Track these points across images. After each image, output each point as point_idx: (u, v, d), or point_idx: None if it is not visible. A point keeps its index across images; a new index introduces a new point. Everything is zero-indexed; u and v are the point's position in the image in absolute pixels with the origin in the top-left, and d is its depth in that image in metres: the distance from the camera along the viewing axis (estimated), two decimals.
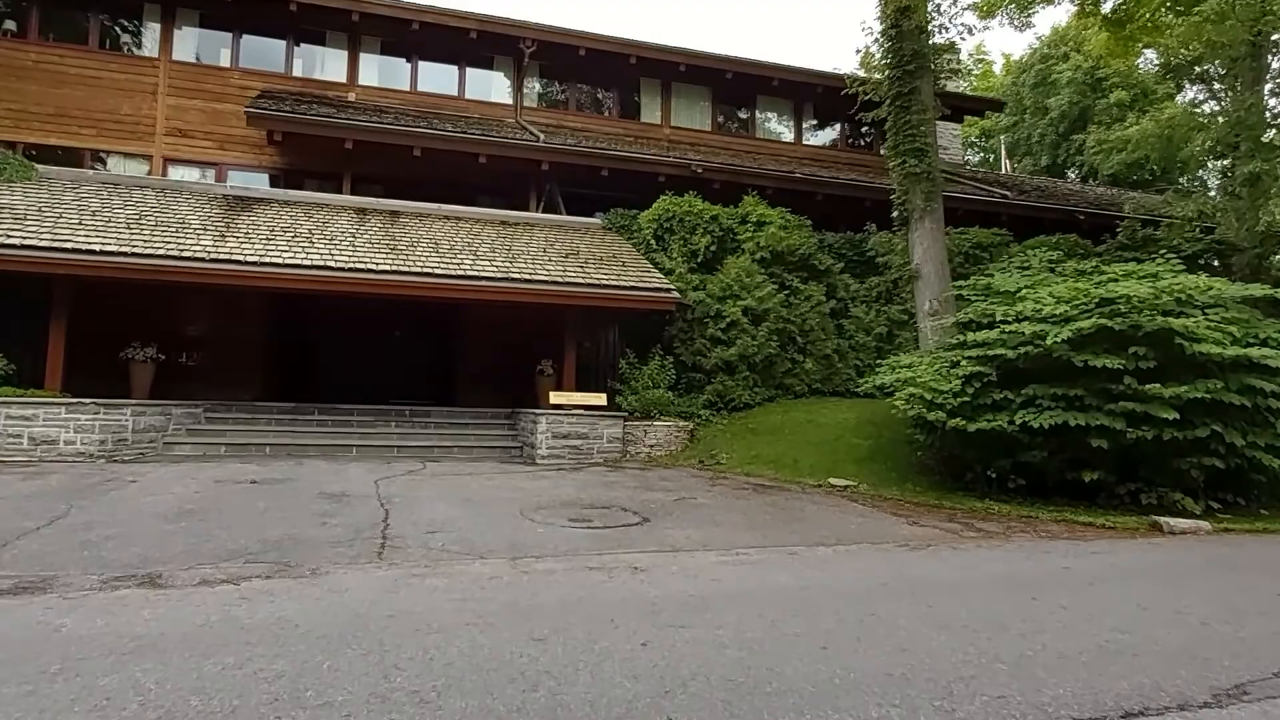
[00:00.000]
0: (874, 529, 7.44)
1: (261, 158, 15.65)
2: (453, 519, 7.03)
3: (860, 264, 15.38)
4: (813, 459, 10.66)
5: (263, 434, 11.43)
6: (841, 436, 11.29)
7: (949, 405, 8.71)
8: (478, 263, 11.88)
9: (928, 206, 12.43)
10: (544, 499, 8.27)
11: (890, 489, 9.55)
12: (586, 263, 12.72)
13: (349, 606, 4.41)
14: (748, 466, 10.72)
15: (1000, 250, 15.36)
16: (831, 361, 13.91)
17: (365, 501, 7.62)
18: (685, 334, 13.26)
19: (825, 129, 20.80)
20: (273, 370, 13.57)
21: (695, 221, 13.85)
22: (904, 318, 14.37)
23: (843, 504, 8.67)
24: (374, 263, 11.13)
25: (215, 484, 8.24)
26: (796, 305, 13.74)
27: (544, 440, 11.42)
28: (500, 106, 17.53)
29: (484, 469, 10.31)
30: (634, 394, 12.30)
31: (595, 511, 7.75)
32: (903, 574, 5.70)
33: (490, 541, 6.28)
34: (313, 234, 11.81)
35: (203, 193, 12.93)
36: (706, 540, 6.64)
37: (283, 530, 6.31)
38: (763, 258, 13.74)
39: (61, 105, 14.67)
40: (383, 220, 13.10)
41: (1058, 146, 39.71)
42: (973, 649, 3.99)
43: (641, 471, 10.50)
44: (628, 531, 6.89)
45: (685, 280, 13.20)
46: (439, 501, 7.83)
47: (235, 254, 10.52)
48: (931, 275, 12.30)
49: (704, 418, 12.68)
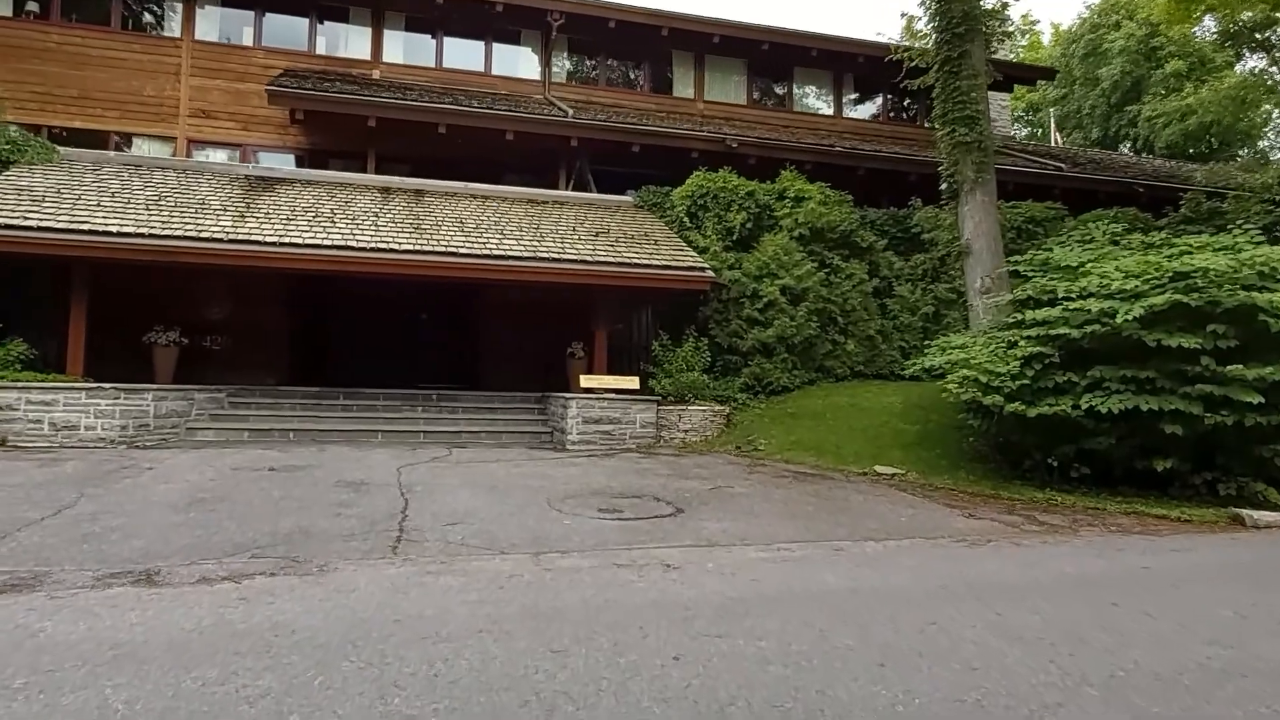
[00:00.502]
0: (926, 521, 6.90)
1: (286, 138, 15.39)
2: (475, 509, 6.64)
3: (904, 241, 14.68)
4: (856, 445, 10.10)
5: (286, 419, 11.16)
6: (887, 421, 10.71)
7: (1007, 388, 8.09)
8: (504, 242, 11.46)
9: (979, 178, 11.72)
10: (572, 487, 7.85)
11: (941, 477, 8.97)
12: (617, 241, 12.23)
13: (353, 609, 4.02)
14: (787, 453, 10.20)
15: (1055, 225, 14.55)
16: (875, 343, 13.28)
17: (385, 490, 7.27)
18: (721, 315, 12.73)
19: (866, 102, 20.00)
20: (298, 354, 13.33)
21: (730, 198, 13.27)
22: (952, 296, 13.68)
23: (890, 494, 8.12)
24: (397, 242, 10.76)
25: (232, 471, 7.95)
26: (837, 284, 13.12)
27: (574, 425, 11.00)
28: (528, 83, 17.05)
29: (511, 455, 9.93)
30: (667, 377, 11.81)
31: (626, 501, 7.31)
32: (962, 574, 5.17)
33: (513, 534, 5.87)
34: (335, 214, 11.48)
35: (224, 173, 12.67)
36: (745, 534, 6.17)
37: (295, 522, 5.96)
38: (801, 235, 13.13)
39: (85, 88, 14.52)
40: (407, 199, 12.73)
41: (1109, 119, 38.18)
42: (1054, 667, 3.47)
43: (675, 458, 10.04)
44: (660, 524, 6.44)
45: (720, 259, 12.66)
46: (462, 490, 7.45)
47: (254, 234, 10.22)
48: (983, 251, 11.61)
49: (741, 402, 12.17)
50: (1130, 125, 36.28)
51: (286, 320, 13.13)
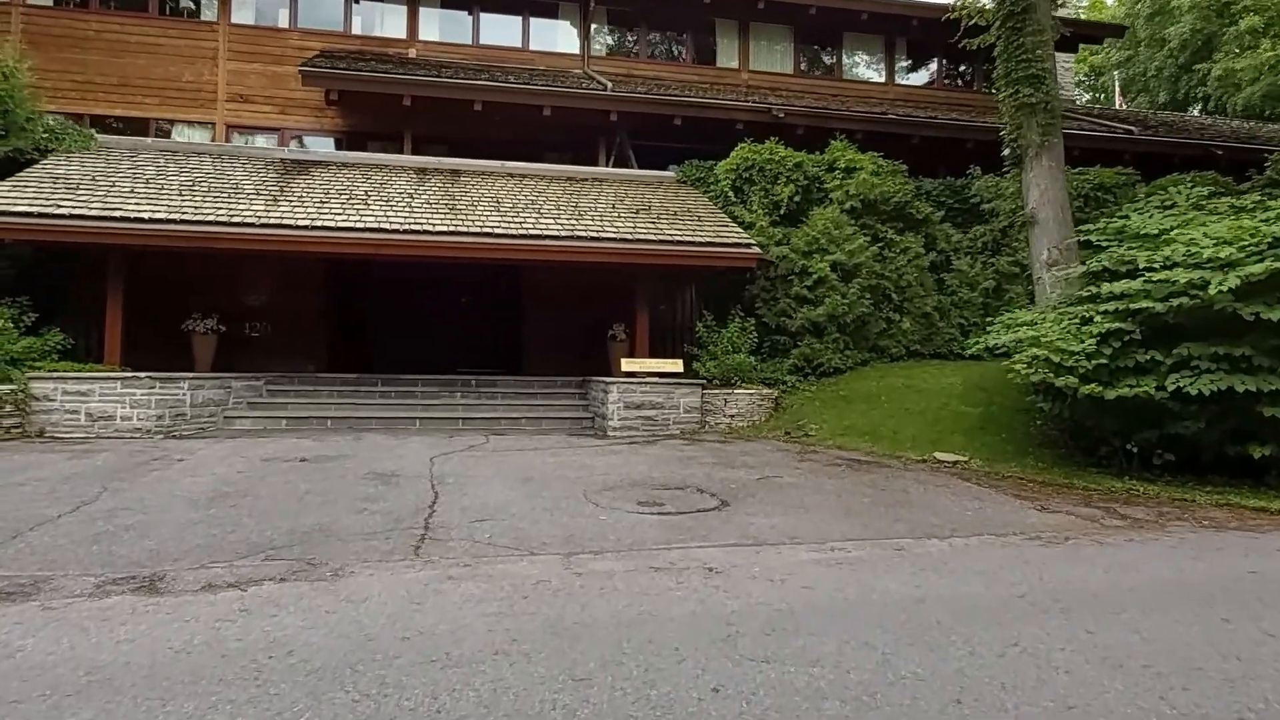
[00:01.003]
0: (994, 516, 6.32)
1: (323, 120, 15.18)
2: (507, 503, 6.26)
3: (962, 212, 13.87)
4: (914, 430, 9.49)
5: (324, 407, 10.97)
6: (947, 404, 10.06)
7: (1081, 368, 7.41)
8: (541, 221, 11.04)
9: (1045, 141, 10.90)
10: (612, 478, 7.44)
11: (1007, 465, 8.33)
12: (659, 218, 11.73)
13: (361, 624, 3.66)
14: (840, 439, 9.64)
15: (1126, 191, 13.60)
16: (932, 320, 12.57)
17: (415, 483, 6.94)
18: (768, 293, 12.15)
19: (919, 69, 19.05)
20: (337, 340, 13.15)
21: (777, 170, 12.63)
22: (1015, 270, 12.87)
23: (952, 483, 7.53)
24: (430, 224, 10.42)
25: (262, 463, 7.72)
26: (891, 259, 12.42)
27: (615, 411, 10.58)
28: (567, 57, 16.55)
29: (550, 443, 9.56)
30: (712, 359, 11.30)
31: (667, 493, 6.87)
32: (1042, 579, 4.61)
33: (545, 532, 5.47)
34: (369, 196, 11.18)
35: (259, 157, 12.48)
36: (795, 530, 5.67)
37: (317, 518, 5.66)
38: (853, 207, 12.45)
39: (124, 75, 14.47)
40: (443, 180, 12.39)
41: (1177, 80, 36.17)
42: (1167, 708, 2.92)
43: (721, 445, 9.56)
44: (703, 518, 5.98)
45: (767, 234, 12.06)
46: (495, 481, 7.09)
47: (286, 218, 9.98)
48: (1050, 220, 10.82)
49: (790, 384, 11.60)
50: (1200, 85, 34.27)
51: (326, 306, 12.94)
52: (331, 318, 13.00)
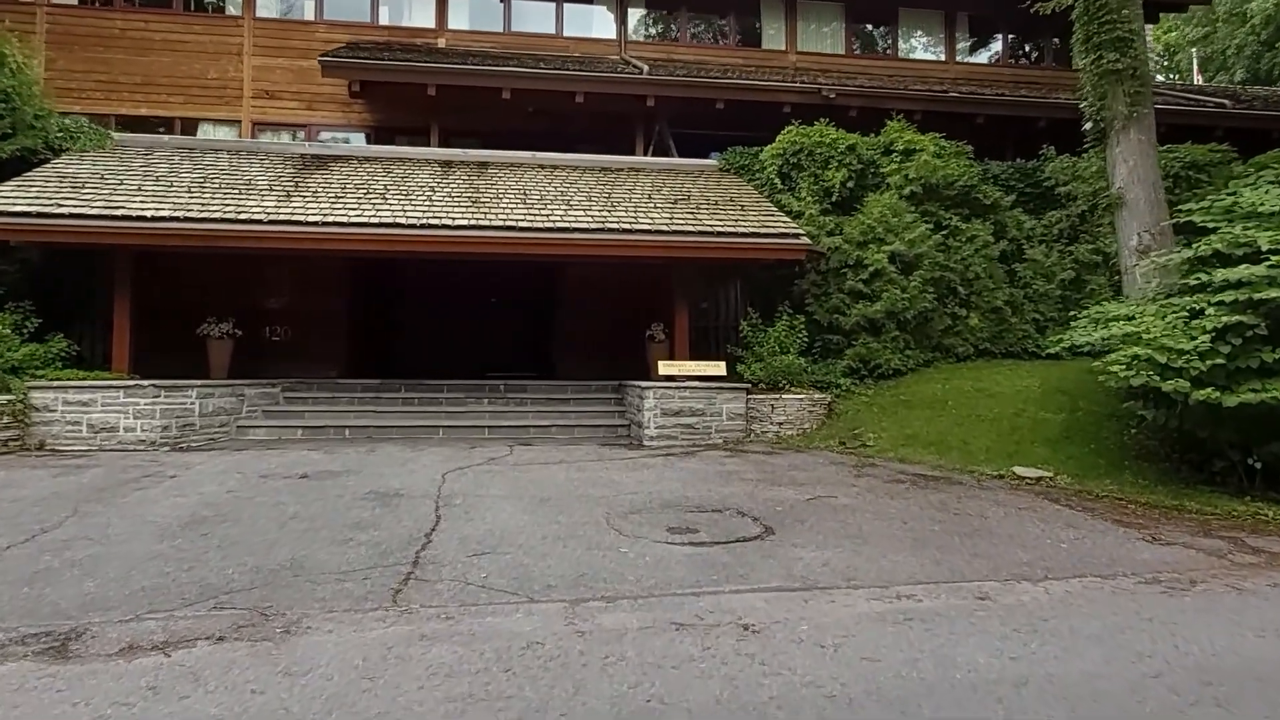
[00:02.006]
0: (1096, 549, 5.25)
1: (350, 115, 14.64)
2: (516, 531, 5.43)
3: (1035, 197, 12.61)
4: (987, 440, 8.40)
5: (343, 415, 10.32)
6: (1023, 410, 8.92)
7: (1193, 369, 6.27)
8: (570, 213, 10.22)
9: (1133, 113, 9.66)
10: (641, 498, 6.55)
11: (1100, 482, 7.20)
12: (699, 208, 10.80)
13: (289, 711, 2.84)
14: (902, 450, 8.59)
15: (1220, 170, 12.20)
16: (1003, 316, 11.38)
17: (418, 504, 6.16)
18: (819, 288, 11.13)
19: (982, 47, 17.73)
20: (361, 344, 12.53)
21: (828, 154, 11.60)
22: (1096, 259, 11.61)
23: (1037, 504, 6.46)
24: (450, 218, 9.68)
25: (259, 480, 7.03)
26: (956, 248, 11.28)
27: (651, 419, 9.70)
28: (603, 43, 15.71)
29: (579, 455, 8.72)
30: (758, 361, 10.33)
31: (703, 517, 5.96)
32: (1178, 648, 3.57)
33: (553, 569, 4.62)
34: (387, 190, 10.50)
35: (279, 153, 11.92)
36: (851, 568, 4.71)
37: (293, 551, 4.89)
38: (912, 193, 11.35)
39: (149, 73, 14.11)
40: (468, 173, 11.66)
41: (1259, 59, 33.84)
42: None
43: (767, 457, 8.60)
44: (742, 551, 5.06)
45: (817, 224, 11.05)
46: (508, 503, 6.27)
47: (297, 215, 9.34)
48: (1140, 201, 9.58)
49: (844, 388, 10.56)
50: None
51: (350, 309, 12.31)
52: (355, 321, 12.38)
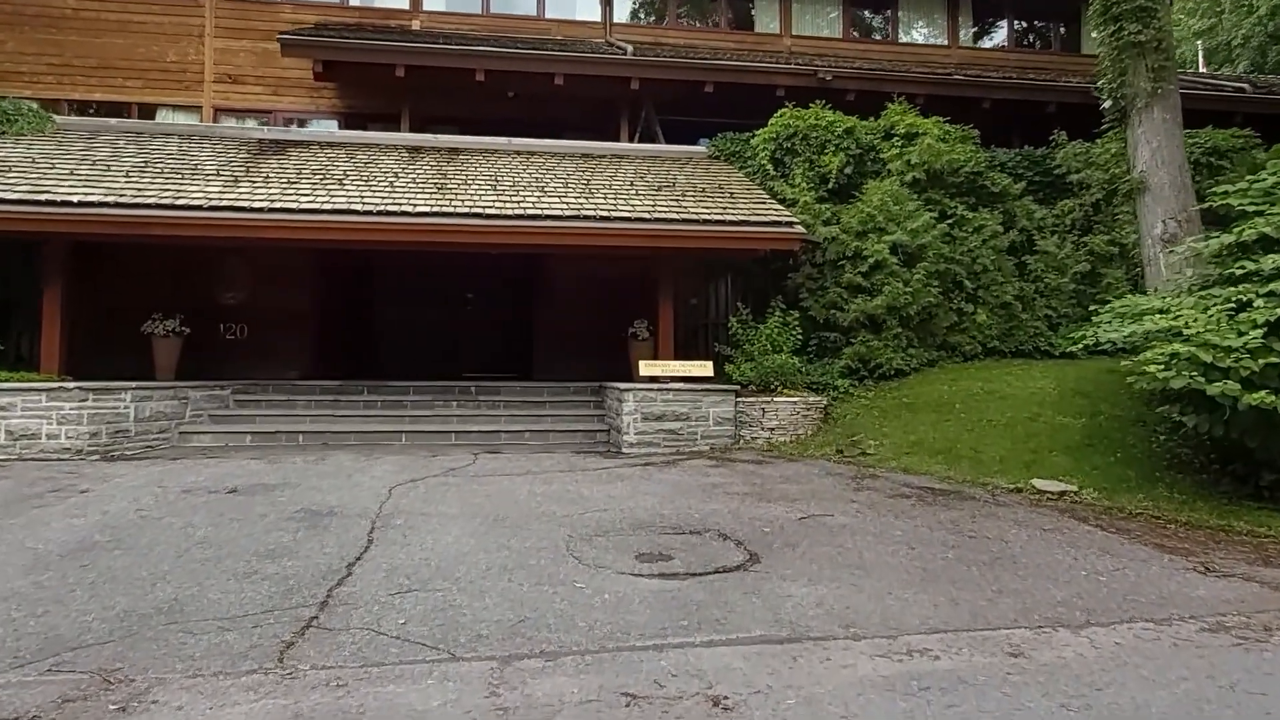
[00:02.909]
0: (1140, 582, 4.44)
1: (319, 101, 13.79)
2: (456, 560, 4.61)
3: (1044, 186, 11.79)
4: (1001, 448, 7.58)
5: (298, 420, 9.49)
6: (1038, 414, 8.11)
7: (1244, 370, 5.46)
8: (544, 200, 9.40)
9: (1157, 89, 8.89)
10: (610, 516, 5.74)
11: (1132, 496, 6.39)
12: (684, 195, 9.99)
13: None
14: (905, 458, 7.77)
15: (1243, 157, 11.43)
16: (1012, 312, 10.57)
17: (351, 525, 5.34)
18: (814, 282, 10.31)
19: (987, 31, 16.92)
20: (327, 344, 11.67)
21: (824, 137, 10.78)
22: (1113, 250, 10.80)
23: (1064, 525, 5.65)
24: (412, 205, 8.85)
25: (180, 496, 6.20)
26: (962, 239, 10.46)
27: (631, 424, 8.88)
28: (588, 26, 14.87)
29: (549, 464, 7.89)
30: (748, 361, 9.52)
31: (679, 541, 5.15)
32: None
33: (489, 611, 3.81)
34: (347, 176, 9.67)
35: (235, 137, 11.08)
36: (851, 611, 3.90)
37: (179, 589, 4.07)
38: (915, 179, 10.53)
39: (104, 56, 13.26)
40: (438, 159, 10.83)
41: (1265, 51, 33.11)
42: None
43: (757, 466, 7.78)
44: (721, 586, 4.25)
45: (812, 212, 10.23)
46: (457, 523, 5.45)
47: (241, 201, 8.50)
48: (1165, 186, 8.80)
49: (842, 390, 9.75)
50: None
51: (315, 306, 11.46)
52: (321, 318, 11.53)
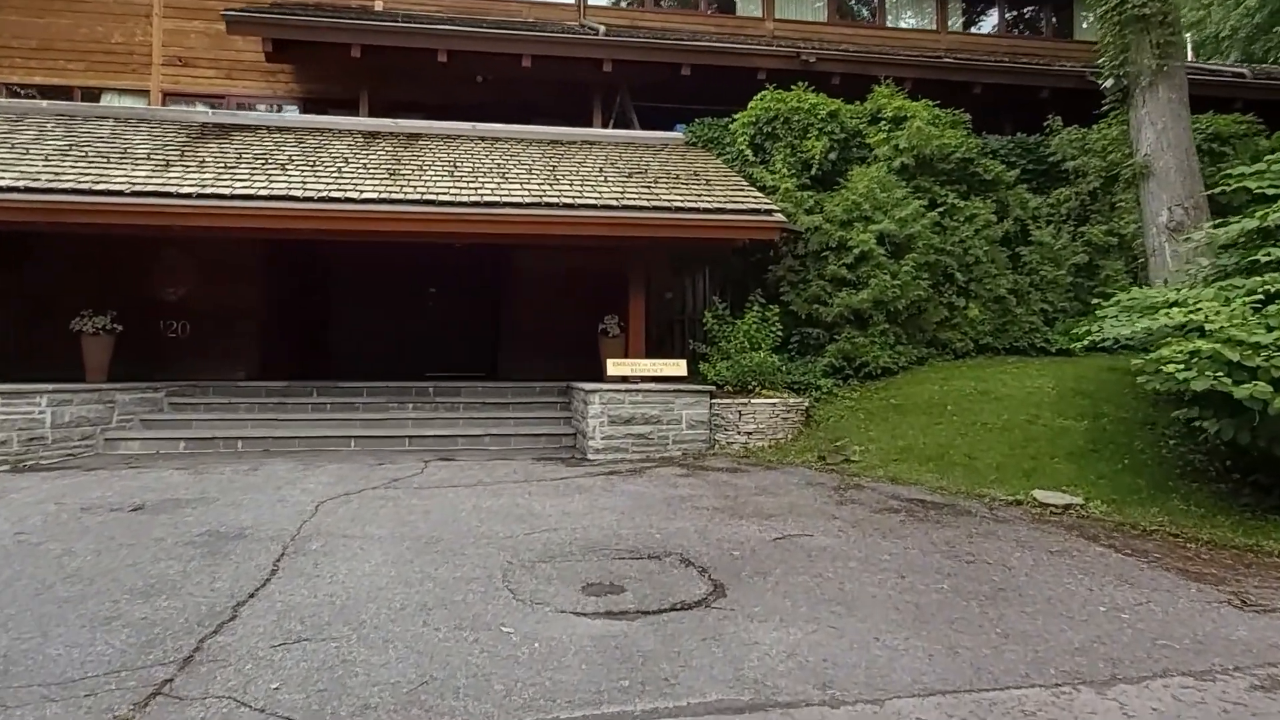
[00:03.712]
0: (1168, 620, 3.79)
1: (276, 85, 13.05)
2: (367, 596, 3.92)
3: (1038, 174, 11.18)
4: (997, 454, 6.94)
5: (239, 424, 8.77)
6: (1037, 416, 7.47)
7: (1274, 370, 4.83)
8: (504, 187, 8.70)
9: (1162, 67, 8.28)
10: (561, 537, 5.06)
11: (1144, 509, 5.75)
12: (656, 182, 9.31)
13: None
14: (893, 466, 7.11)
15: (1246, 144, 10.86)
16: (1006, 306, 9.94)
17: (258, 551, 4.64)
18: (796, 274, 9.66)
19: (978, 17, 16.29)
20: (278, 342, 10.94)
21: (807, 121, 10.12)
22: (1111, 241, 10.19)
23: (1072, 544, 5.00)
24: (358, 191, 8.13)
25: (76, 515, 5.47)
26: (954, 229, 9.83)
27: (597, 428, 8.19)
28: (560, 8, 14.13)
29: (503, 474, 7.19)
30: (724, 359, 8.85)
31: (635, 568, 4.47)
32: None
33: (387, 671, 3.12)
34: (292, 161, 8.95)
35: (177, 121, 10.32)
36: (828, 665, 3.23)
37: (15, 640, 3.38)
38: (903, 165, 9.88)
39: (46, 37, 12.47)
40: (395, 145, 10.11)
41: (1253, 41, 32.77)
42: None
43: (731, 476, 7.11)
44: (675, 630, 3.57)
45: (794, 200, 9.57)
46: (382, 547, 4.75)
47: (169, 186, 7.77)
48: (1170, 170, 8.20)
49: (825, 390, 9.09)
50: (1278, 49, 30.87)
51: (264, 302, 10.73)
52: (269, 315, 10.79)
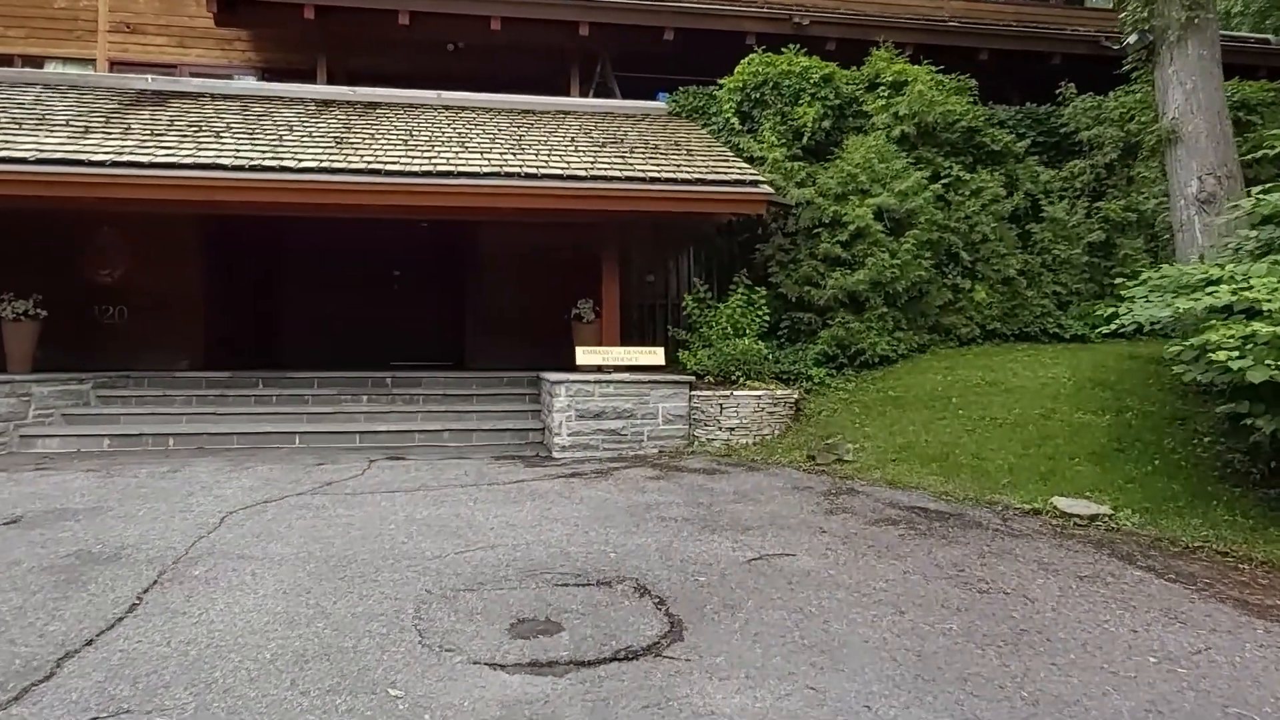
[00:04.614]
0: (1235, 676, 3.00)
1: (232, 54, 12.16)
2: (235, 642, 3.13)
3: (1049, 147, 10.35)
4: (1009, 453, 6.14)
5: (173, 419, 7.97)
6: (1053, 410, 6.67)
7: None
8: (462, 156, 7.86)
9: (1193, 19, 7.42)
10: (498, 557, 4.27)
11: (1183, 520, 4.95)
12: (632, 152, 8.47)
13: None
14: (891, 467, 6.31)
15: (1274, 111, 10.04)
16: (1016, 288, 9.11)
17: (125, 579, 3.85)
18: (786, 254, 8.83)
19: None
20: (223, 328, 10.09)
21: (798, 86, 9.26)
22: (1130, 218, 9.35)
23: (1103, 567, 4.20)
24: (295, 159, 7.29)
25: None
26: (958, 204, 9.00)
27: (563, 422, 7.40)
28: None
29: (453, 475, 6.39)
30: (705, 346, 8.04)
31: (579, 598, 3.68)
32: None
33: None
34: (229, 129, 8.11)
35: (113, 88, 9.45)
36: None
37: None
38: (904, 134, 9.04)
39: None
40: (349, 113, 9.26)
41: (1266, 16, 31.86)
42: None
43: (708, 478, 6.31)
44: (614, 691, 2.78)
45: (784, 171, 8.73)
46: (279, 571, 3.96)
47: (81, 154, 6.92)
48: (1201, 135, 7.36)
49: (816, 380, 8.28)
50: None
51: (210, 284, 9.89)
52: (215, 300, 9.96)
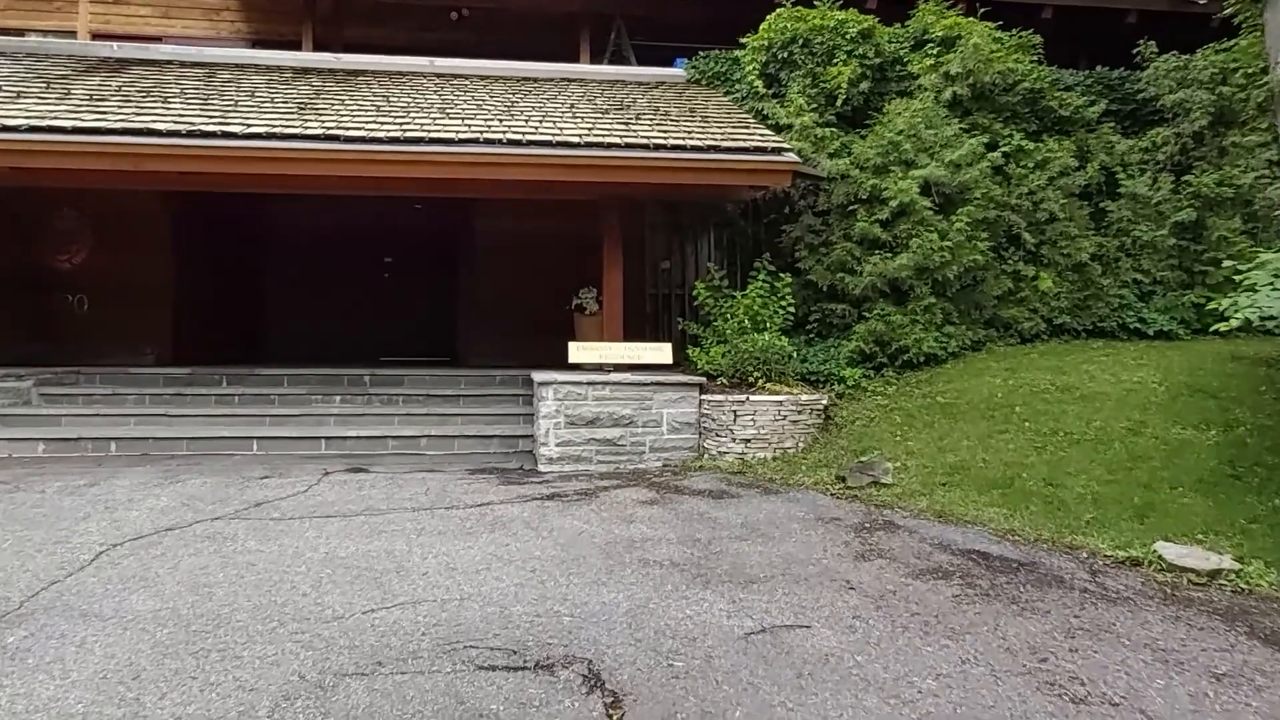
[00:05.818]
0: None
1: (220, 25, 11.34)
2: None
3: (1124, 116, 8.98)
4: (1090, 479, 4.91)
5: (122, 421, 7.11)
6: (1142, 424, 5.42)
7: None
8: (440, 122, 6.83)
9: None
10: (418, 617, 3.23)
11: None
12: (638, 118, 7.37)
13: None
14: (941, 494, 5.12)
15: None
16: (1089, 276, 7.80)
17: None
18: (817, 235, 7.65)
19: None
20: (194, 320, 9.17)
21: (832, 43, 8.05)
22: (1225, 193, 7.95)
23: (1242, 655, 3.02)
24: (245, 125, 6.32)
25: None
26: (1020, 177, 7.72)
27: (550, 430, 6.34)
28: None
29: (410, 494, 5.37)
30: (719, 342, 6.91)
31: (507, 689, 2.66)
32: None
33: None
34: (182, 95, 7.20)
35: (71, 55, 8.62)
36: None
37: None
38: (955, 96, 7.78)
39: None
40: (325, 81, 8.30)
41: None
42: None
43: (712, 503, 5.20)
44: None
45: (813, 139, 7.55)
46: (115, 641, 2.99)
47: None
48: None
49: (850, 383, 7.09)
50: None
51: (179, 272, 9.01)
52: (185, 288, 9.06)
